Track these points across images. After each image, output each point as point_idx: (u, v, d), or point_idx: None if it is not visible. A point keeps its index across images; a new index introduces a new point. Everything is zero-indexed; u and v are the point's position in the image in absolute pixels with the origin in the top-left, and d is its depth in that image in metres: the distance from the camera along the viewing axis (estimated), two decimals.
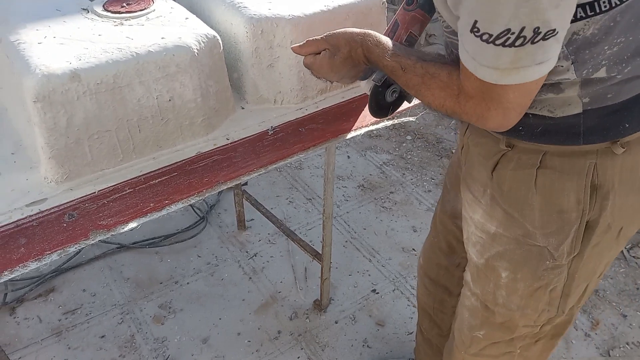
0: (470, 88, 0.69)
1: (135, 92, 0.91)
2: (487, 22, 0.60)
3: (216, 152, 1.01)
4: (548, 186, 0.78)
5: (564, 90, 0.72)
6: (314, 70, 0.90)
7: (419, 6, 0.91)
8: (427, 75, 0.75)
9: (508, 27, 0.59)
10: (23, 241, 0.80)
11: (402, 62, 0.78)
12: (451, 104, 0.73)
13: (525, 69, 0.62)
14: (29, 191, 0.89)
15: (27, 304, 1.65)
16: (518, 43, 0.59)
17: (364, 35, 0.83)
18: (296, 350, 1.56)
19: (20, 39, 0.90)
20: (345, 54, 0.84)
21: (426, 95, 0.76)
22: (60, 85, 0.83)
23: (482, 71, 0.64)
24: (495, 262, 0.89)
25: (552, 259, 0.83)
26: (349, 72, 0.88)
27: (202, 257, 1.86)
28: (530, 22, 0.58)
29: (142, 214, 0.86)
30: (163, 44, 0.92)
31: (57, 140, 0.86)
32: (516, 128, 0.77)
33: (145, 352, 1.53)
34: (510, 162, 0.81)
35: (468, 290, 0.99)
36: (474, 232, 0.91)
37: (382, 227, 2.01)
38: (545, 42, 0.60)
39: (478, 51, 0.63)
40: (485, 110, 0.69)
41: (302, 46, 0.89)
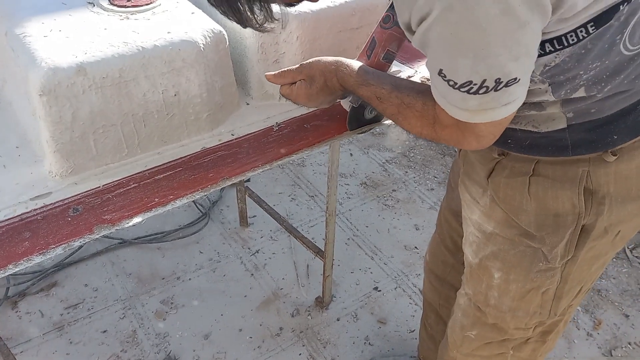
0: (444, 118, 0.70)
1: (140, 87, 0.91)
2: (451, 72, 0.61)
3: (221, 148, 1.01)
4: (542, 193, 0.78)
5: (546, 108, 0.72)
6: (291, 100, 0.92)
7: (396, 24, 0.90)
8: (402, 105, 0.76)
9: (470, 79, 0.60)
10: (27, 235, 0.80)
11: (377, 91, 0.79)
12: (428, 132, 0.75)
13: (493, 110, 0.63)
14: (34, 185, 0.88)
15: (29, 298, 1.65)
16: (482, 92, 0.61)
17: (337, 64, 0.84)
18: (298, 347, 1.56)
19: (26, 32, 0.90)
20: (321, 84, 0.86)
21: (403, 123, 0.78)
22: (66, 79, 0.82)
23: (452, 110, 0.65)
24: (488, 262, 0.89)
25: (546, 261, 0.82)
26: (326, 99, 0.90)
27: (204, 253, 1.85)
28: (490, 75, 0.59)
29: (147, 209, 0.86)
30: (169, 38, 0.92)
31: (62, 134, 0.86)
32: (505, 141, 0.79)
33: (146, 348, 1.53)
34: (504, 170, 0.81)
35: (463, 290, 1.00)
36: (472, 232, 0.91)
37: (384, 225, 2.01)
38: (509, 88, 0.61)
39: (447, 93, 0.64)
40: (461, 137, 0.70)
41: (277, 76, 0.90)
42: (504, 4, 0.53)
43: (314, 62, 0.87)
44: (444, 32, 0.57)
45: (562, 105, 0.71)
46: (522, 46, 0.58)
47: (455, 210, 1.10)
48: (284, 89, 0.92)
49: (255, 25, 0.64)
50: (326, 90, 0.87)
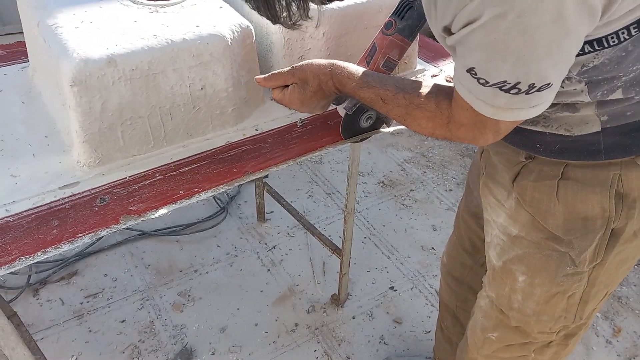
0: (462, 117, 0.68)
1: (168, 80, 0.91)
2: (484, 72, 0.60)
3: (245, 142, 1.01)
4: (570, 197, 0.76)
5: (580, 109, 0.70)
6: (284, 104, 0.89)
7: (398, 31, 0.88)
8: (411, 106, 0.74)
9: (504, 79, 0.59)
10: (56, 223, 0.81)
11: (381, 93, 0.77)
12: (442, 131, 0.73)
13: (520, 110, 0.62)
14: (62, 174, 0.90)
15: (50, 286, 1.68)
16: (513, 92, 0.60)
17: (332, 67, 0.81)
18: (313, 344, 1.57)
19: (58, 23, 0.91)
20: (315, 87, 0.83)
21: (412, 124, 0.76)
22: (96, 70, 0.83)
23: (478, 104, 0.64)
24: (512, 266, 0.87)
25: (573, 265, 0.81)
26: (320, 103, 0.87)
27: (221, 247, 1.87)
28: (526, 79, 0.58)
29: (172, 201, 0.87)
30: (198, 32, 0.92)
31: (91, 124, 0.87)
32: (533, 145, 0.77)
33: (164, 339, 1.54)
34: (531, 174, 0.79)
35: (484, 292, 0.98)
36: (496, 235, 0.89)
37: (401, 225, 2.00)
38: (540, 93, 0.60)
39: (474, 89, 0.63)
40: (478, 134, 0.69)
41: (267, 79, 0.87)
42: (556, 12, 0.53)
43: (307, 64, 0.84)
44: (488, 37, 0.56)
45: (597, 107, 0.69)
46: (564, 53, 0.58)
47: (474, 212, 1.09)
48: (275, 93, 0.89)
49: (289, 23, 0.62)
50: (320, 94, 0.84)
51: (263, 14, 0.61)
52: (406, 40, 0.90)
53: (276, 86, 0.88)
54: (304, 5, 0.60)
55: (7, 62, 1.20)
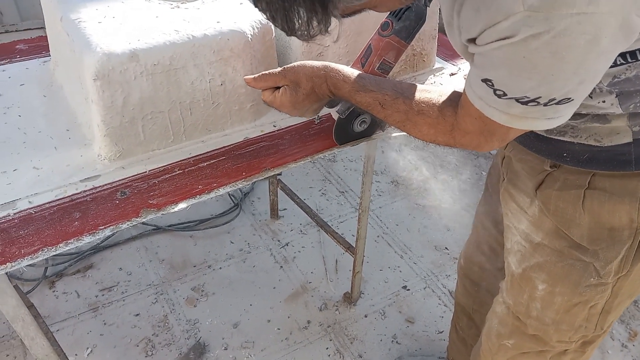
0: (469, 125, 0.66)
1: (189, 75, 0.92)
2: (504, 85, 0.57)
3: (263, 139, 1.02)
4: (597, 207, 0.74)
5: (611, 121, 0.68)
6: (275, 107, 0.85)
7: (395, 32, 0.85)
8: (411, 112, 0.71)
9: (525, 95, 0.57)
10: (77, 215, 0.82)
11: (379, 98, 0.74)
12: (444, 139, 0.70)
13: (534, 120, 0.60)
14: (83, 167, 0.91)
15: (66, 278, 1.70)
16: (531, 104, 0.58)
17: (327, 69, 0.78)
18: (325, 341, 1.57)
19: (81, 18, 0.92)
20: (308, 90, 0.80)
21: (412, 130, 0.73)
22: (119, 64, 0.84)
23: (491, 112, 0.61)
24: (532, 273, 0.85)
25: (598, 276, 0.79)
26: (312, 106, 0.84)
27: (234, 244, 1.88)
28: (547, 95, 0.56)
29: (192, 196, 0.87)
30: (219, 28, 0.93)
31: (112, 118, 0.88)
32: (560, 154, 0.74)
33: (177, 333, 1.56)
34: (556, 182, 0.77)
35: (500, 297, 0.96)
36: (517, 242, 0.87)
37: (414, 224, 1.99)
38: (559, 106, 0.58)
39: (488, 97, 0.60)
40: (484, 141, 0.67)
41: (257, 80, 0.84)
42: (592, 35, 0.51)
43: (299, 66, 0.80)
44: (517, 55, 0.54)
45: (630, 118, 0.67)
46: (592, 72, 0.56)
47: (493, 216, 1.07)
48: (266, 94, 0.84)
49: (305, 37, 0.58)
50: (313, 97, 0.81)
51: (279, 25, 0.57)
52: (403, 42, 0.87)
53: (266, 87, 0.84)
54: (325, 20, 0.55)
55: (29, 56, 1.22)
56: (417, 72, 1.23)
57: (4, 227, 0.79)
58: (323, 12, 0.52)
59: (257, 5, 0.55)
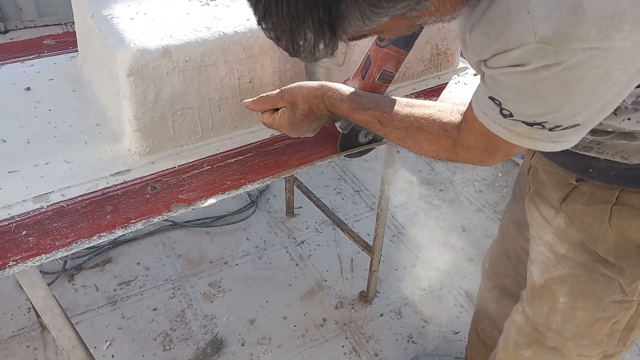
0: (473, 141, 0.65)
1: (219, 72, 0.93)
2: (512, 109, 0.57)
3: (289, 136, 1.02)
4: (624, 224, 0.73)
5: (638, 138, 0.67)
6: (274, 129, 0.86)
7: (392, 42, 0.84)
8: (411, 129, 0.71)
9: (530, 120, 0.56)
10: (109, 209, 0.83)
11: (377, 115, 0.73)
12: (446, 155, 0.70)
13: (537, 141, 0.59)
14: (114, 161, 0.92)
15: (84, 272, 1.72)
16: (536, 127, 0.57)
17: (324, 89, 0.77)
18: (341, 339, 1.57)
19: (113, 14, 0.93)
20: (306, 110, 0.80)
21: (413, 146, 0.72)
22: (152, 60, 0.85)
23: (495, 127, 0.61)
24: (554, 285, 0.84)
25: (622, 293, 0.77)
26: (311, 126, 0.84)
27: (250, 241, 1.88)
28: (553, 122, 0.56)
29: (221, 191, 0.88)
30: (248, 25, 0.94)
31: (144, 113, 0.89)
32: (585, 170, 0.73)
33: (194, 328, 1.57)
34: (582, 197, 0.76)
35: (520, 307, 0.95)
36: (542, 252, 0.86)
37: (430, 224, 1.99)
38: (564, 131, 0.57)
39: (493, 113, 0.59)
40: (487, 157, 0.66)
41: (256, 102, 0.84)
42: (604, 69, 0.49)
43: (296, 87, 0.81)
44: (526, 82, 0.53)
45: None
46: (600, 102, 0.54)
47: (520, 223, 1.05)
48: (265, 117, 0.85)
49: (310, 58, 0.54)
50: (311, 116, 0.81)
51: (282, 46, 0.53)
52: (402, 51, 0.85)
53: (265, 109, 0.84)
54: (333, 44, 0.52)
55: (56, 52, 1.23)
56: (441, 72, 1.23)
57: (38, 219, 0.80)
58: (331, 36, 0.49)
59: (261, 24, 0.52)
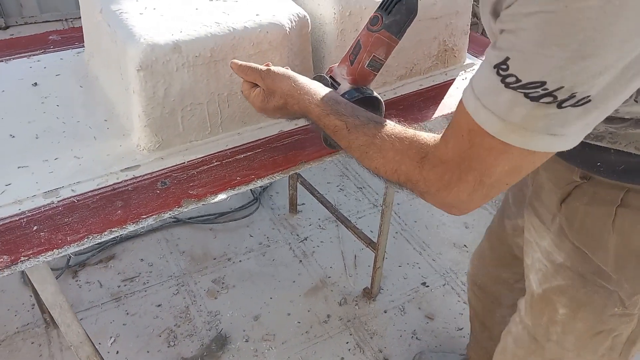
0: (451, 148, 0.57)
1: (228, 67, 0.92)
2: (521, 65, 0.49)
3: (298, 132, 1.02)
4: (628, 228, 0.69)
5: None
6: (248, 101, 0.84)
7: (384, 27, 0.80)
8: (379, 135, 0.65)
9: (544, 80, 0.48)
10: (120, 204, 0.83)
11: (349, 121, 0.69)
12: (408, 168, 0.62)
13: (534, 134, 0.51)
14: (123, 157, 0.91)
15: (88, 268, 1.71)
16: (544, 100, 0.48)
17: (302, 91, 0.75)
18: (345, 335, 1.57)
19: (122, 9, 0.93)
20: (280, 104, 0.78)
21: (374, 157, 0.65)
22: (162, 56, 0.85)
23: (484, 115, 0.53)
24: (553, 296, 0.81)
25: (623, 306, 0.74)
26: (283, 117, 0.83)
27: (254, 237, 1.88)
28: (572, 83, 0.47)
29: (231, 187, 0.88)
30: (258, 20, 0.93)
31: (154, 109, 0.89)
32: (593, 163, 0.68)
33: (199, 324, 1.57)
34: (585, 196, 0.72)
35: (517, 317, 0.92)
36: (539, 259, 0.83)
37: (433, 221, 1.99)
38: (573, 110, 0.49)
39: (491, 92, 0.52)
40: (456, 179, 0.57)
41: (240, 68, 0.81)
42: None
43: (280, 76, 0.78)
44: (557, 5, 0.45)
45: None
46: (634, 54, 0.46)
47: (509, 228, 1.03)
48: (244, 86, 0.83)
49: None
50: (284, 111, 0.79)
51: None
52: (394, 37, 0.82)
53: (247, 80, 0.82)
54: None
55: (62, 47, 1.23)
56: (448, 68, 1.23)
57: (49, 214, 0.80)
58: None
59: None
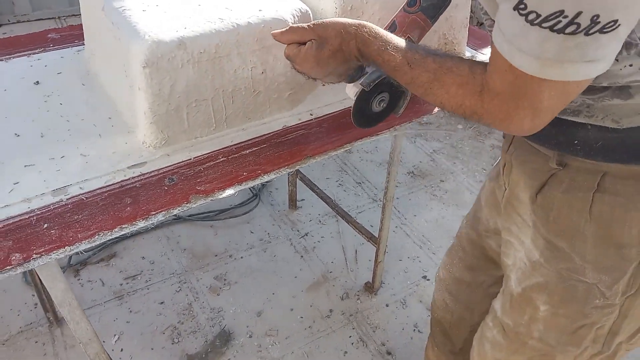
0: (499, 82, 0.58)
1: (232, 63, 0.93)
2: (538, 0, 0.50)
3: (302, 127, 1.03)
4: (606, 214, 0.68)
5: (634, 95, 0.61)
6: (296, 63, 0.78)
7: (422, 9, 0.82)
8: (440, 71, 0.65)
9: (561, 9, 0.48)
10: (128, 201, 0.83)
11: (408, 56, 0.67)
12: (472, 102, 0.62)
13: (571, 65, 0.52)
14: (129, 154, 0.92)
15: (90, 267, 1.71)
16: (569, 30, 0.49)
17: (359, 26, 0.72)
18: (348, 330, 1.59)
19: (125, 6, 0.93)
20: (336, 46, 0.73)
21: (439, 94, 0.65)
22: (168, 52, 0.85)
23: (520, 58, 0.54)
24: (532, 294, 0.80)
25: (603, 297, 0.73)
26: (337, 68, 0.77)
27: (254, 234, 1.89)
28: (590, 7, 0.48)
29: (238, 182, 0.88)
30: (261, 16, 0.94)
31: (159, 106, 0.89)
32: (570, 142, 0.68)
33: (202, 321, 1.57)
34: (561, 184, 0.71)
35: (491, 321, 0.90)
36: (520, 258, 0.81)
37: (432, 215, 2.01)
38: (602, 36, 0.49)
39: (519, 33, 0.52)
40: (513, 109, 0.58)
41: (284, 33, 0.78)
42: None
43: (331, 21, 0.74)
44: None
45: None
46: None
47: (481, 229, 1.00)
48: (290, 48, 0.77)
49: None
50: (339, 55, 0.74)
51: None
52: (428, 21, 0.84)
53: (292, 41, 0.77)
54: None
55: (62, 45, 1.23)
56: None
57: (58, 212, 0.80)
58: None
59: None
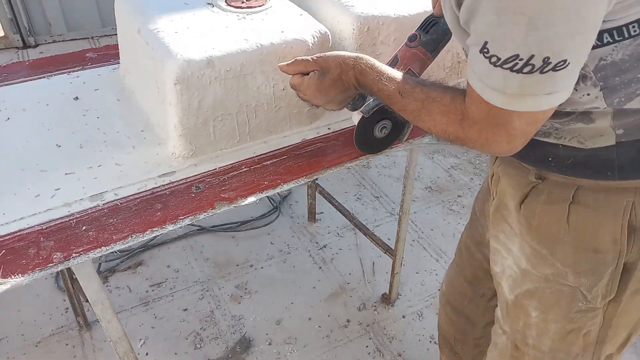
0: (475, 112, 0.65)
1: (256, 80, 1.00)
2: (497, 45, 0.57)
3: (320, 140, 1.09)
4: (581, 224, 0.73)
5: (595, 120, 0.67)
6: (300, 92, 0.86)
7: (422, 44, 0.89)
8: (427, 100, 0.71)
9: (517, 53, 0.56)
10: (159, 206, 0.90)
11: (400, 86, 0.74)
12: (454, 129, 0.69)
13: (533, 97, 0.59)
14: (160, 164, 0.99)
15: (118, 274, 1.79)
16: (526, 70, 0.56)
17: (357, 58, 0.79)
18: (365, 340, 1.62)
19: (159, 28, 1.01)
20: (335, 76, 0.80)
21: (426, 120, 0.72)
22: (197, 70, 0.92)
23: (489, 93, 0.61)
24: (524, 300, 0.84)
25: (586, 300, 0.77)
26: (337, 96, 0.84)
27: (275, 245, 1.95)
28: (539, 51, 0.55)
29: (259, 190, 0.94)
30: (283, 37, 1.01)
31: (188, 119, 0.96)
32: (545, 159, 0.73)
33: (223, 327, 1.63)
34: (541, 195, 0.76)
35: (499, 328, 0.94)
36: (510, 266, 0.85)
37: (449, 230, 2.03)
38: (556, 73, 0.56)
39: (486, 72, 0.60)
40: (491, 135, 0.65)
41: (290, 65, 0.86)
42: None
43: (332, 54, 0.82)
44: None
45: (614, 118, 0.66)
46: (581, 20, 0.53)
47: (478, 240, 1.04)
48: (295, 78, 0.85)
49: None
50: (339, 84, 0.81)
51: None
52: (429, 54, 0.91)
53: (297, 72, 0.85)
54: None
55: (99, 64, 1.32)
56: (461, 79, 1.29)
57: (95, 215, 0.87)
58: None
59: None
